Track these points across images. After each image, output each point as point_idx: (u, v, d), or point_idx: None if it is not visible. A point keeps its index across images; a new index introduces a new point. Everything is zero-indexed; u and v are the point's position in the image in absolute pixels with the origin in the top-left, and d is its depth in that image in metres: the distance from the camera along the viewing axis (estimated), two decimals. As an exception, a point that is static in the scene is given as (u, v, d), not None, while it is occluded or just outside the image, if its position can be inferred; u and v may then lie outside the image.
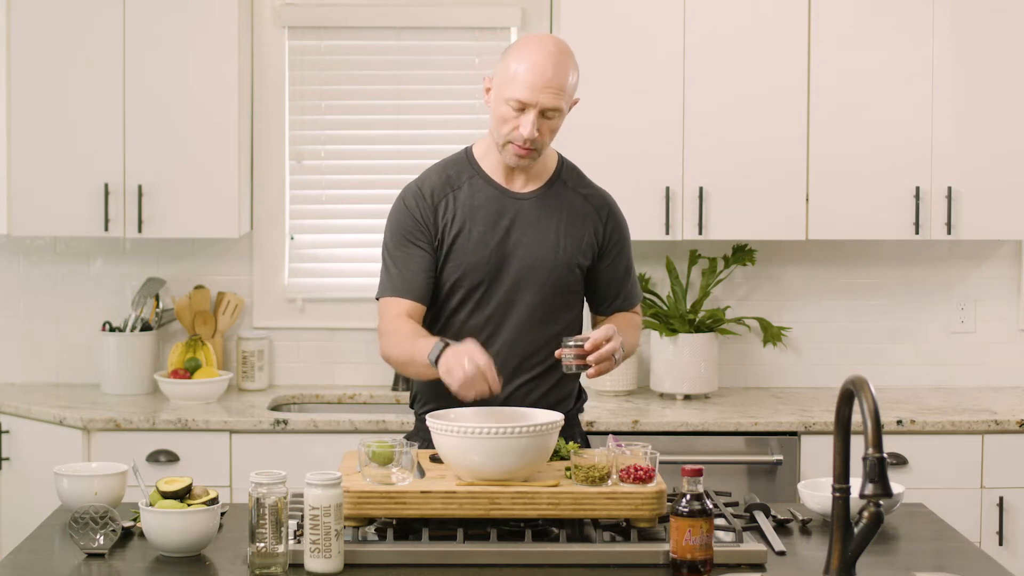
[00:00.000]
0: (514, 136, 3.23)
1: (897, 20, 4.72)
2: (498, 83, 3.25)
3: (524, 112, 3.21)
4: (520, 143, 3.23)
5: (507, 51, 3.27)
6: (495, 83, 3.27)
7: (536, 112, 3.20)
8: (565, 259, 3.33)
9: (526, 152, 3.25)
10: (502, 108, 3.23)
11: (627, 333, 3.34)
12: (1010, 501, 4.52)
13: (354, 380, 5.07)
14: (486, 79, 3.31)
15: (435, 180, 3.36)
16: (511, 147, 3.25)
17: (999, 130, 4.74)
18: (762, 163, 4.74)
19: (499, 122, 3.25)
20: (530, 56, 3.20)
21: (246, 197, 4.95)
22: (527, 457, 2.84)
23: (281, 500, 2.72)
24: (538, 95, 3.19)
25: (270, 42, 5.05)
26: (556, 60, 3.21)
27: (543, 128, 3.23)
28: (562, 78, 3.21)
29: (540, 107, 3.19)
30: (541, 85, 3.18)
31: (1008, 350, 5.12)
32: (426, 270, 3.30)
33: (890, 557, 2.90)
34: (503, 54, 3.28)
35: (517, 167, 3.31)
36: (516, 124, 3.22)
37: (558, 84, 3.20)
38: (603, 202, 3.42)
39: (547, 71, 3.19)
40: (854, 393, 2.53)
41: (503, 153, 3.28)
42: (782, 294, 5.11)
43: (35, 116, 4.76)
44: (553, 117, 3.23)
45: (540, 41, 3.26)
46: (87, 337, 5.08)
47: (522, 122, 3.21)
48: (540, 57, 3.20)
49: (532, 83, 3.18)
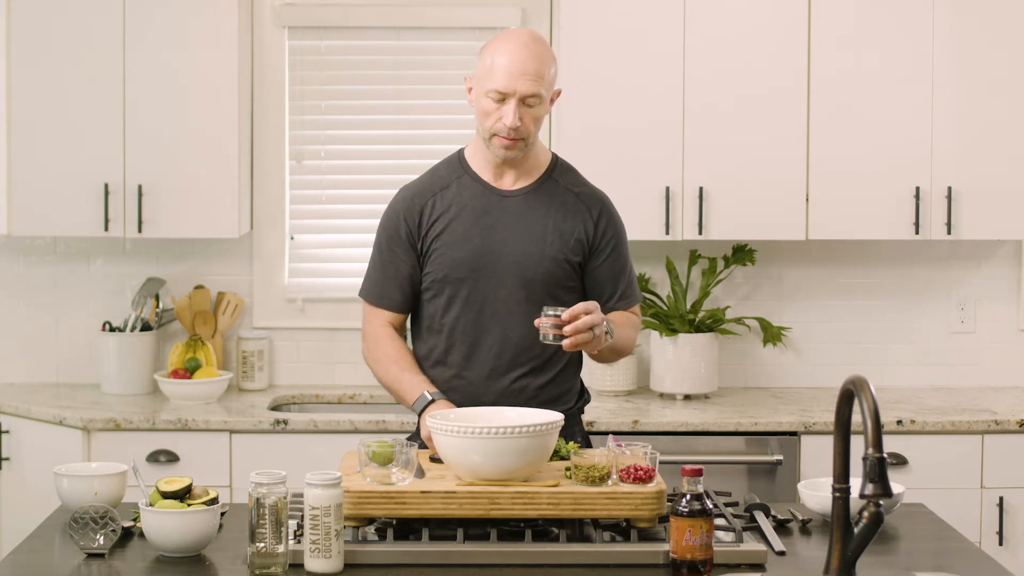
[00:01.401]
0: (498, 128, 3.28)
1: (897, 20, 4.72)
2: (477, 79, 3.32)
3: (505, 102, 3.26)
4: (504, 134, 3.27)
5: (483, 48, 3.34)
6: (475, 81, 3.34)
7: (516, 100, 3.25)
8: (552, 254, 3.35)
9: (512, 142, 3.29)
10: (483, 102, 3.29)
11: (622, 330, 3.36)
12: (1010, 501, 4.52)
13: (354, 380, 5.07)
14: (467, 79, 3.38)
15: (424, 181, 3.45)
16: (497, 140, 3.29)
17: (999, 130, 4.74)
18: (762, 163, 4.74)
19: (482, 116, 3.30)
20: (505, 48, 3.27)
21: (246, 197, 4.95)
22: (527, 457, 2.84)
23: (281, 500, 2.72)
24: (516, 83, 3.24)
25: (270, 42, 5.05)
26: (531, 49, 3.27)
27: (525, 117, 3.27)
28: (539, 65, 3.26)
29: (520, 95, 3.24)
30: (518, 73, 3.24)
31: (1008, 350, 5.12)
32: (408, 276, 3.40)
33: (890, 557, 2.90)
34: (481, 50, 3.34)
35: (506, 161, 3.34)
36: (499, 116, 3.27)
37: (535, 71, 3.25)
38: (596, 200, 3.43)
39: (523, 59, 3.25)
40: (854, 393, 2.53)
41: (491, 147, 3.32)
42: (782, 294, 5.11)
43: (35, 116, 4.75)
44: (534, 105, 3.27)
45: (514, 34, 3.34)
46: (87, 337, 5.08)
47: (504, 112, 3.26)
48: (515, 47, 3.26)
49: (509, 72, 3.24)
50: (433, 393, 3.28)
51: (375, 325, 3.43)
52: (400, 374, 3.36)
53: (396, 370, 3.37)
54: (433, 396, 3.27)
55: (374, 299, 3.44)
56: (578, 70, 4.70)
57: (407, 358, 3.39)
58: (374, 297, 3.44)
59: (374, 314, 3.44)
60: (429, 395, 3.27)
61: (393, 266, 3.40)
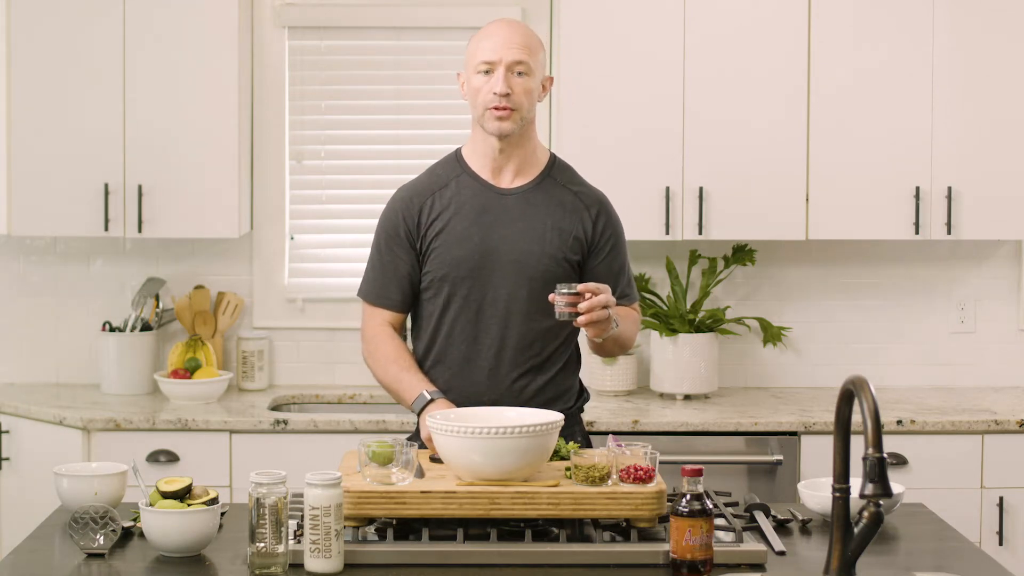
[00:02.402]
0: (489, 99, 3.30)
1: (897, 20, 4.72)
2: (466, 66, 3.37)
3: (492, 72, 3.30)
4: (496, 103, 3.29)
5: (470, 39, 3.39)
6: (464, 68, 3.38)
7: (504, 68, 3.29)
8: (552, 252, 3.35)
9: (505, 112, 3.30)
10: (473, 80, 3.33)
11: (625, 322, 3.37)
12: (1010, 501, 4.52)
13: (354, 380, 5.07)
14: (459, 75, 3.43)
15: (422, 181, 3.46)
16: (489, 113, 3.31)
17: (999, 130, 4.74)
18: (762, 163, 4.74)
19: (474, 96, 3.34)
20: (489, 28, 3.35)
21: (246, 197, 4.95)
22: (527, 457, 2.84)
23: (281, 500, 2.72)
24: (502, 52, 3.29)
25: (270, 42, 5.05)
26: (515, 26, 3.36)
27: (516, 86, 3.30)
28: (524, 37, 3.32)
29: (507, 62, 3.28)
30: (503, 44, 3.29)
31: (1008, 350, 5.12)
32: (407, 276, 3.40)
33: (890, 557, 2.90)
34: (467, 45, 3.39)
35: (501, 138, 3.33)
36: (489, 87, 3.30)
37: (520, 42, 3.31)
38: (595, 200, 3.44)
39: (508, 33, 3.32)
40: (854, 393, 2.53)
41: (485, 125, 3.34)
42: (782, 294, 5.11)
43: (35, 116, 4.75)
44: (524, 74, 3.31)
45: (497, 19, 3.41)
46: (87, 337, 5.08)
47: (493, 81, 3.30)
48: (499, 26, 3.35)
49: (494, 44, 3.30)
50: (432, 392, 3.28)
51: (374, 325, 3.44)
52: (399, 374, 3.36)
53: (395, 370, 3.37)
54: (432, 395, 3.27)
55: (373, 299, 3.44)
56: (578, 70, 4.71)
57: (406, 358, 3.39)
58: (373, 297, 3.44)
59: (373, 314, 3.44)
60: (428, 394, 3.27)
61: (392, 266, 3.40)
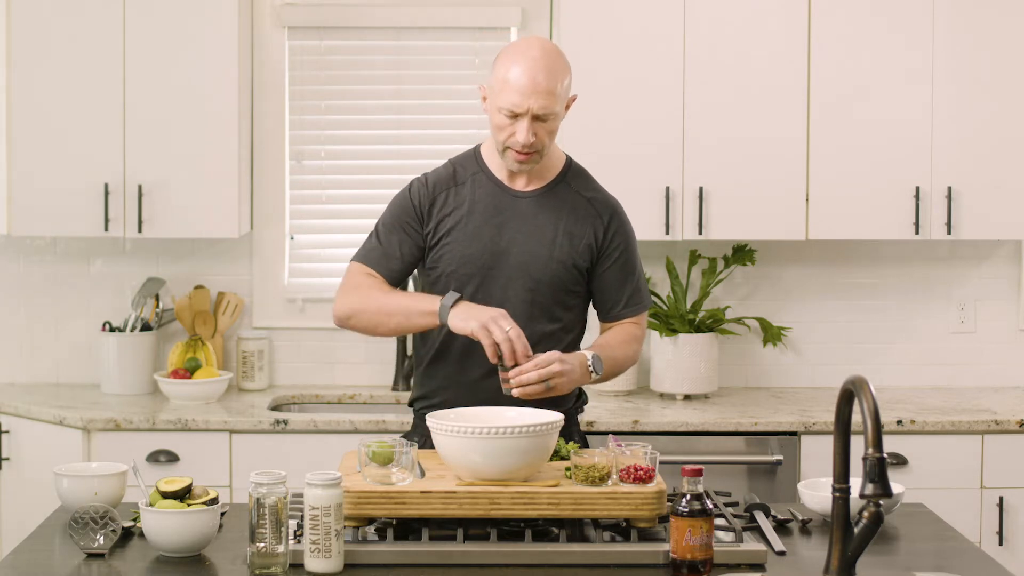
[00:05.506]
0: (511, 143, 3.27)
1: (897, 20, 4.72)
2: (491, 92, 3.29)
3: (518, 119, 3.23)
4: (518, 148, 3.26)
5: (497, 58, 3.30)
6: (489, 92, 3.31)
7: (529, 118, 3.22)
8: (560, 257, 3.34)
9: (525, 156, 3.28)
10: (497, 117, 3.27)
11: (620, 349, 3.37)
12: (1010, 501, 4.52)
13: (354, 380, 5.07)
14: (482, 88, 3.35)
15: (442, 173, 3.43)
16: (510, 152, 3.29)
17: (999, 130, 4.74)
18: (762, 163, 4.74)
19: (496, 130, 3.29)
20: (518, 63, 3.22)
21: (246, 197, 4.95)
22: (527, 457, 2.85)
23: (281, 500, 2.72)
24: (529, 101, 3.21)
25: (270, 42, 5.05)
26: (543, 64, 3.22)
27: (539, 132, 3.26)
28: (552, 82, 3.22)
29: (532, 113, 3.22)
30: (531, 91, 3.20)
31: (1008, 350, 5.12)
32: (408, 255, 3.37)
33: (890, 557, 2.90)
34: (494, 62, 3.31)
35: (519, 171, 3.34)
36: (512, 131, 3.25)
37: (548, 88, 3.21)
38: (607, 206, 3.42)
39: (536, 77, 3.20)
40: (854, 393, 2.53)
41: (504, 158, 3.32)
42: (782, 294, 5.11)
43: (35, 116, 4.75)
44: (548, 119, 3.25)
45: (527, 46, 3.27)
46: (87, 337, 5.08)
47: (517, 129, 3.24)
48: (527, 64, 3.21)
49: (521, 90, 3.20)
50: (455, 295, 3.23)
51: (363, 274, 3.35)
52: (405, 296, 3.32)
53: (398, 295, 3.32)
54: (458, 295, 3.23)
55: (371, 263, 3.36)
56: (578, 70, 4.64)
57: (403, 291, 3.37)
58: (371, 261, 3.36)
59: (361, 271, 3.36)
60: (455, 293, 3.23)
61: (397, 241, 3.36)
